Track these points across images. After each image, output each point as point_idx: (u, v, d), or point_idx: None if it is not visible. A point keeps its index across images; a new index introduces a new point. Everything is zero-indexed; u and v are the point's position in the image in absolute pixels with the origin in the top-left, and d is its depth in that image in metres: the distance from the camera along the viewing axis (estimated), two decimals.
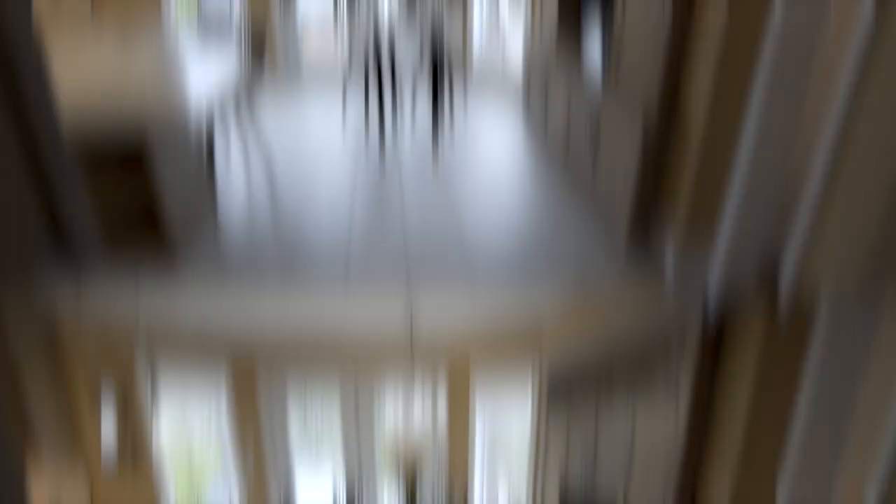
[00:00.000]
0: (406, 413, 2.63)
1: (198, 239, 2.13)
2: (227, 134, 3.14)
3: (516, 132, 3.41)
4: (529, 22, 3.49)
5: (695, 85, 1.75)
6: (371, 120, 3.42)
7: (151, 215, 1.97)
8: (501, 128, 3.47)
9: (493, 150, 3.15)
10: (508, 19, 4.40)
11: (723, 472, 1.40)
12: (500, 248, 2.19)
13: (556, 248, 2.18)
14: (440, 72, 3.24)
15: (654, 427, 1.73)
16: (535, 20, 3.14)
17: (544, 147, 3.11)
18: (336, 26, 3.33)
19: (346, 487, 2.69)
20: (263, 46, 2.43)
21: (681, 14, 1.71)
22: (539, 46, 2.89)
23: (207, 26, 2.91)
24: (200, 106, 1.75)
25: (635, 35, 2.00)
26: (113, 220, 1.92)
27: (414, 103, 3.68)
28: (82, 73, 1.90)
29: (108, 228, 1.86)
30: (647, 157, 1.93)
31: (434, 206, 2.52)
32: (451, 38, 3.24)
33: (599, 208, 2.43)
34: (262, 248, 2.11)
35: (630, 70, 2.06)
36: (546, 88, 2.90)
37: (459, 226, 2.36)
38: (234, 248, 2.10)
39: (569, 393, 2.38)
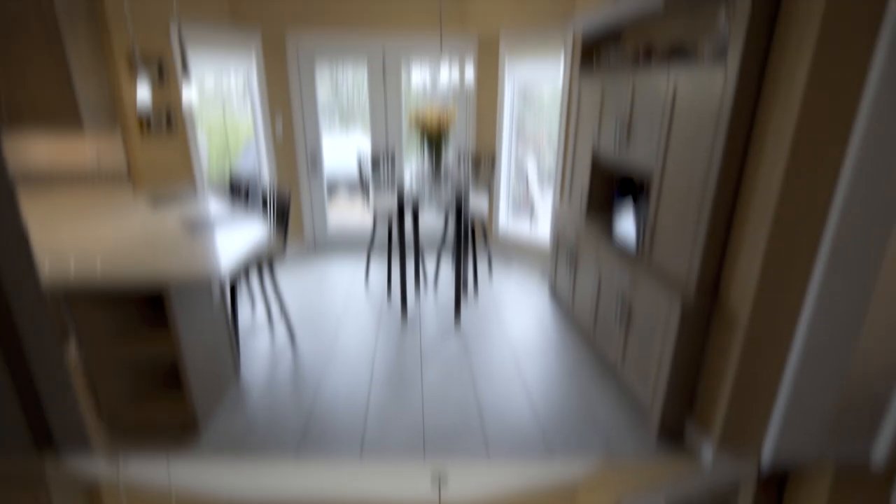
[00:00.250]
0: None
1: (218, 404, 2.31)
2: (251, 296, 3.35)
3: (543, 304, 3.38)
4: (559, 192, 3.47)
5: (740, 269, 1.67)
6: (394, 286, 3.54)
7: (174, 380, 2.19)
8: (527, 299, 3.44)
9: (518, 321, 3.15)
10: (538, 190, 4.48)
11: None
12: (521, 424, 2.21)
13: (582, 428, 2.17)
14: (464, 241, 3.27)
15: None
16: (565, 191, 3.13)
17: (572, 321, 3.07)
18: (362, 192, 3.46)
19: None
20: (288, 211, 2.61)
21: (725, 194, 1.66)
22: (569, 218, 2.88)
23: (236, 190, 3.12)
24: (226, 269, 1.86)
25: (673, 213, 1.92)
26: (137, 385, 2.14)
27: (437, 271, 3.75)
28: (120, 232, 2.17)
29: (133, 392, 2.13)
30: (684, 343, 1.87)
31: (455, 377, 2.58)
32: (476, 207, 3.26)
33: (629, 390, 2.38)
34: (281, 416, 2.25)
35: (666, 249, 1.99)
36: (575, 261, 2.87)
37: (479, 398, 2.41)
38: (253, 415, 2.25)
39: None
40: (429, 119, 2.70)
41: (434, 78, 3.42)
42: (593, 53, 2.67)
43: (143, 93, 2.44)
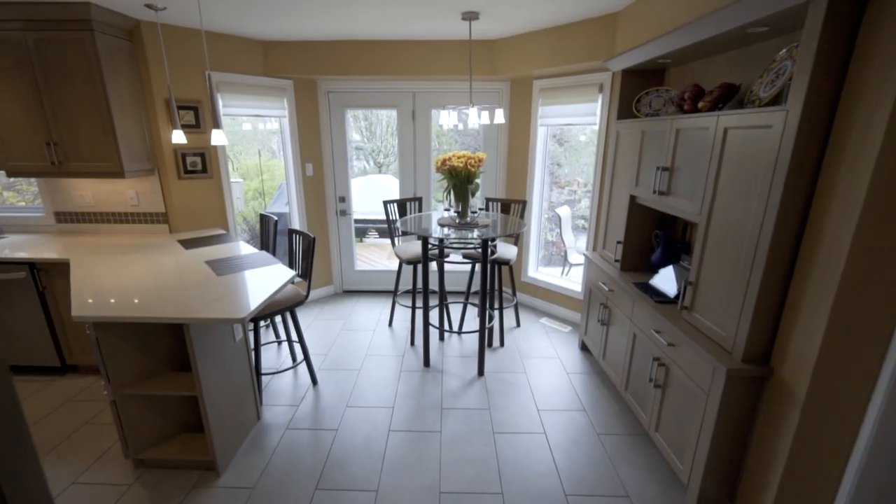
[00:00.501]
0: None
1: (239, 446, 2.32)
2: (277, 337, 3.42)
3: (572, 357, 3.21)
4: (592, 240, 3.45)
5: (798, 335, 1.50)
6: (418, 331, 3.55)
7: (197, 421, 2.28)
8: (556, 351, 3.28)
9: (545, 374, 3.01)
10: (570, 237, 4.54)
11: None
12: (543, 486, 2.07)
13: (609, 497, 1.99)
14: (491, 288, 3.25)
15: None
16: (599, 238, 3.06)
17: (602, 377, 2.92)
18: (391, 234, 3.52)
19: None
20: (312, 255, 2.68)
21: (782, 249, 1.50)
22: (603, 267, 2.78)
23: (265, 232, 3.26)
24: (245, 312, 1.86)
25: (720, 267, 1.77)
26: (161, 425, 2.19)
27: (462, 318, 3.66)
28: (150, 271, 2.25)
29: (157, 432, 2.18)
30: (729, 414, 1.69)
31: (476, 430, 2.47)
32: (504, 253, 3.27)
33: (662, 459, 2.22)
34: (299, 461, 2.22)
35: (710, 307, 1.83)
36: (608, 313, 2.73)
37: (500, 454, 2.29)
38: (272, 458, 2.24)
39: None
40: (456, 163, 2.69)
41: (463, 123, 3.46)
42: (632, 95, 2.61)
43: (179, 137, 2.57)
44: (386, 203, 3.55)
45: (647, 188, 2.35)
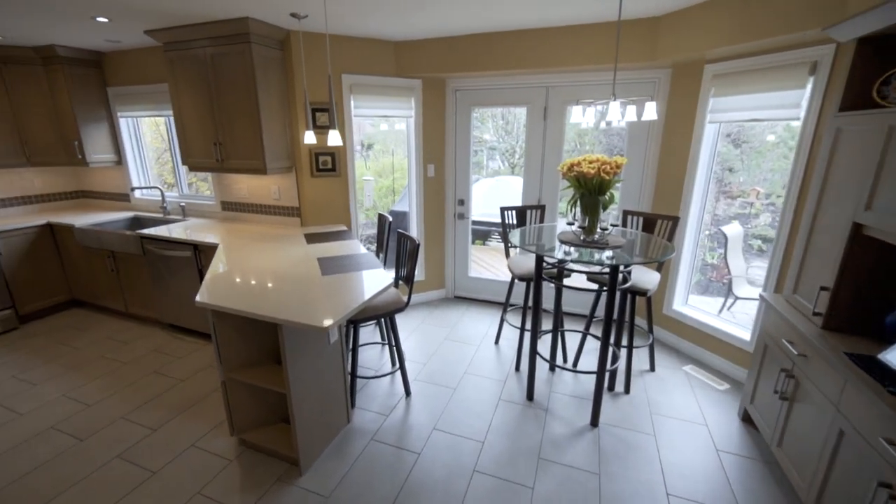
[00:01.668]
0: None
1: (326, 446, 2.30)
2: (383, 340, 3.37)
3: (726, 428, 2.42)
4: (777, 273, 2.57)
5: None
6: (525, 356, 3.16)
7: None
8: (702, 414, 2.52)
9: (682, 442, 2.32)
10: (740, 264, 3.65)
11: None
12: None
13: None
14: (619, 319, 2.68)
15: None
16: (790, 272, 2.20)
17: (772, 468, 2.10)
18: (505, 245, 3.23)
19: None
20: (415, 261, 2.55)
21: None
22: (791, 313, 2.00)
23: (382, 232, 3.27)
24: (339, 316, 1.83)
25: None
26: (261, 412, 2.29)
27: (580, 350, 3.05)
28: (273, 262, 2.42)
29: (257, 417, 2.28)
30: None
31: (577, 495, 2.01)
32: (643, 278, 2.66)
33: None
34: (378, 477, 2.10)
35: None
36: (794, 382, 1.94)
37: None
38: (353, 467, 2.15)
39: None
40: (586, 169, 2.21)
41: (602, 120, 2.91)
42: (873, 76, 1.77)
43: (311, 137, 2.67)
44: (503, 210, 3.22)
45: (890, 214, 1.52)
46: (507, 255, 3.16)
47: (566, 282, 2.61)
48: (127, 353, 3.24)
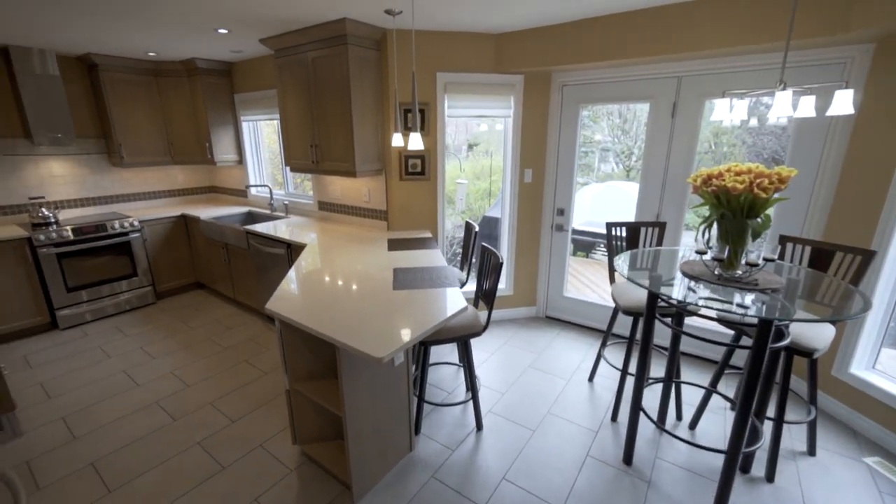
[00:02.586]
0: None
1: (384, 473, 2.13)
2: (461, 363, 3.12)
3: None
4: None
5: None
6: (625, 405, 2.63)
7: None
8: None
9: None
10: None
11: None
12: None
13: None
14: (767, 380, 2.00)
15: None
16: None
17: None
18: (610, 268, 2.75)
19: None
20: (497, 280, 2.28)
21: None
22: None
23: (466, 239, 3.09)
24: (395, 347, 1.62)
25: None
26: (322, 427, 2.21)
27: (702, 411, 2.42)
28: (353, 267, 2.30)
29: (318, 432, 2.19)
30: None
31: None
32: (806, 331, 1.93)
33: None
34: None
35: None
36: None
37: None
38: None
39: None
40: (732, 183, 1.64)
41: (754, 117, 2.22)
42: None
43: (398, 140, 2.51)
44: (610, 226, 2.70)
45: None
46: (612, 279, 2.64)
47: (690, 321, 2.03)
48: (228, 338, 3.51)
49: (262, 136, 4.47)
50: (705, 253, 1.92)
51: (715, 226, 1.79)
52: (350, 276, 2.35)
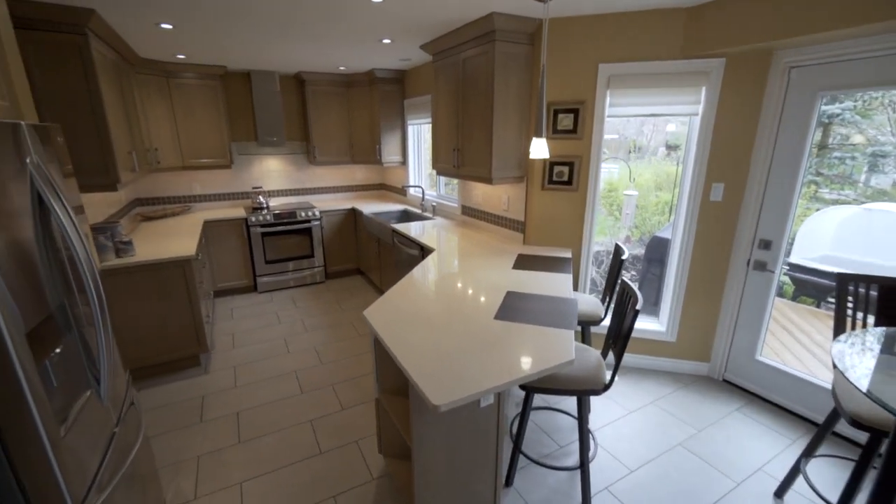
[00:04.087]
0: None
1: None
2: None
3: None
4: None
5: None
6: None
7: None
8: None
9: None
10: None
11: None
12: None
13: None
14: None
15: None
16: None
17: None
18: (835, 329, 1.83)
19: None
20: (631, 327, 1.76)
21: None
22: None
23: (612, 266, 2.83)
24: (461, 396, 1.47)
25: None
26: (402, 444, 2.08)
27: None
28: (472, 284, 2.01)
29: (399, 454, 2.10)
30: None
31: None
32: None
33: None
34: None
35: None
36: None
37: None
38: None
39: None
40: None
41: None
42: None
43: (539, 144, 2.17)
44: (845, 281, 1.76)
45: None
46: (834, 363, 1.71)
47: None
48: (365, 326, 3.79)
49: (424, 138, 4.69)
50: None
51: None
52: (455, 294, 2.15)
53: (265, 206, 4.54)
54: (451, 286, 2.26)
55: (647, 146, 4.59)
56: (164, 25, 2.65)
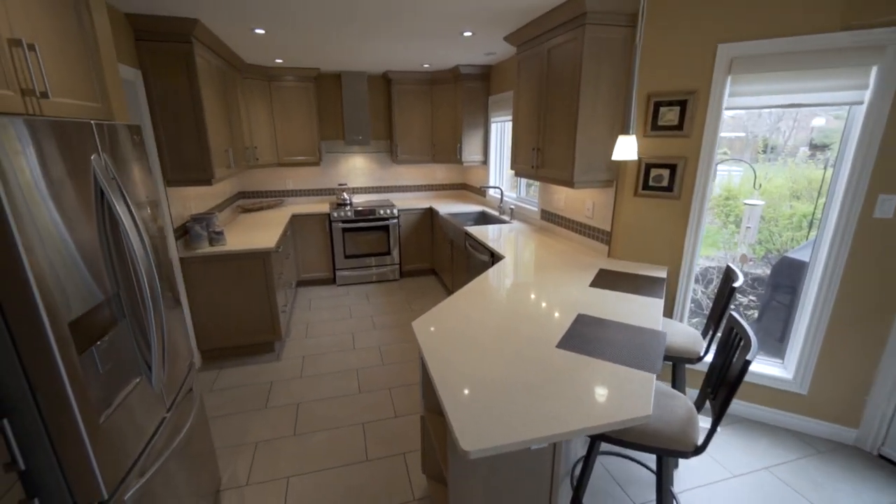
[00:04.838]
0: None
1: None
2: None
3: None
4: None
5: None
6: None
7: None
8: None
9: None
10: None
11: None
12: None
13: None
14: None
15: None
16: None
17: None
18: None
19: None
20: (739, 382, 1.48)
21: None
22: None
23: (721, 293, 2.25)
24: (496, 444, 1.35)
25: None
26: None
27: None
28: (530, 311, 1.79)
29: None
30: None
31: None
32: None
33: None
34: None
35: None
36: None
37: None
38: None
39: None
40: None
41: None
42: None
43: (626, 143, 1.83)
44: None
45: None
46: None
47: None
48: None
49: (507, 137, 4.44)
50: None
51: None
52: (516, 311, 1.90)
53: (348, 202, 4.71)
54: (514, 301, 2.02)
55: (783, 146, 3.75)
56: (257, 31, 2.81)
